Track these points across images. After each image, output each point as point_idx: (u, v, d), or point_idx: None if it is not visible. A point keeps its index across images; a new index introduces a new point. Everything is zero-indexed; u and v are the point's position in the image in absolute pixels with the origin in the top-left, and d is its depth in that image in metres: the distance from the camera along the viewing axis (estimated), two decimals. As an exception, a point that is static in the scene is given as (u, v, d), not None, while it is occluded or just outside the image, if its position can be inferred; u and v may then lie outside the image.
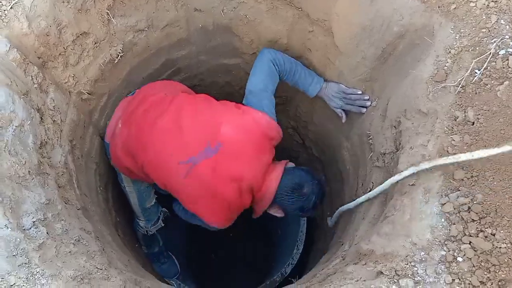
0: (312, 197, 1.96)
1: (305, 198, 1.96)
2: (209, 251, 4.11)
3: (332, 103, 2.23)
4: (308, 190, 1.96)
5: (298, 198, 1.96)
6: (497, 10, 1.56)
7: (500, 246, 1.26)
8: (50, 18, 1.65)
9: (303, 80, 2.21)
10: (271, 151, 2.04)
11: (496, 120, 1.41)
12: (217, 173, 1.88)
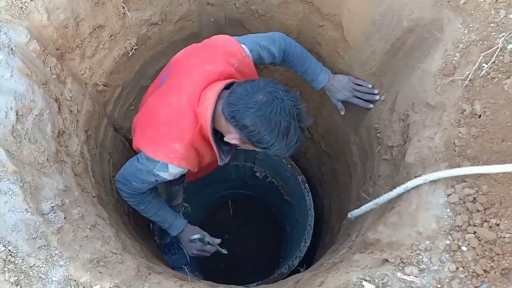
0: (271, 109, 1.44)
1: (259, 108, 1.45)
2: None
3: (338, 95, 2.14)
4: (263, 97, 1.46)
5: (248, 107, 1.46)
6: (506, 5, 1.58)
7: (504, 236, 1.29)
8: (68, 10, 1.71)
9: (313, 68, 2.06)
10: (224, 65, 1.68)
11: (502, 113, 1.43)
12: (160, 94, 1.75)
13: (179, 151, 1.63)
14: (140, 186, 1.84)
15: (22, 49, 1.54)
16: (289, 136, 1.50)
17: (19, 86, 1.49)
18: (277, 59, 1.92)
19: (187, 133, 1.62)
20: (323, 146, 3.10)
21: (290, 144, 1.53)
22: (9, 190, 1.32)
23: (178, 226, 2.18)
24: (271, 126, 1.46)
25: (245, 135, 1.53)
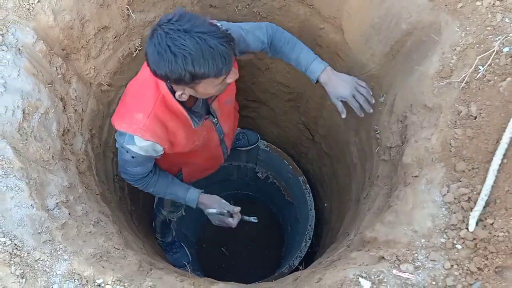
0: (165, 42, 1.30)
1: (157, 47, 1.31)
2: (219, 246, 4.20)
3: (337, 91, 1.90)
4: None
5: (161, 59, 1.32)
6: (503, 9, 1.61)
7: (498, 234, 1.32)
8: (74, 12, 1.75)
9: (305, 55, 1.90)
10: None
11: (497, 115, 1.46)
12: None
13: (141, 121, 1.58)
14: (134, 170, 1.80)
15: (29, 49, 1.58)
16: (203, 51, 1.31)
17: (26, 85, 1.53)
18: (265, 44, 1.87)
19: (150, 104, 1.58)
20: (324, 147, 3.13)
21: (210, 56, 1.32)
22: (16, 186, 1.36)
23: (192, 199, 2.02)
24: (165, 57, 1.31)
25: (173, 82, 1.43)
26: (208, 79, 1.39)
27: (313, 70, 1.90)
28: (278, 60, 2.67)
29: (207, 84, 1.43)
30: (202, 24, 1.32)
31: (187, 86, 1.44)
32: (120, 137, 1.66)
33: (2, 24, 1.53)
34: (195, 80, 1.38)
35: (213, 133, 1.93)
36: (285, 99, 3.04)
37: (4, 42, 1.52)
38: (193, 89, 1.45)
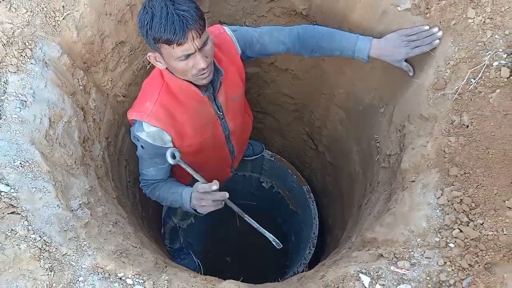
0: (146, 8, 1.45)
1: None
2: (224, 255, 4.28)
3: (396, 56, 1.84)
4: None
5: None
6: (492, 26, 1.73)
7: (488, 233, 1.42)
8: (95, 28, 1.89)
9: (346, 41, 1.86)
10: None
11: (487, 124, 1.57)
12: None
13: (149, 108, 1.70)
14: (148, 172, 1.90)
15: (54, 62, 1.72)
16: (162, 13, 1.41)
17: (52, 96, 1.66)
18: (287, 45, 1.89)
19: (155, 92, 1.71)
20: (327, 157, 3.25)
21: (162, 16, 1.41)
22: (44, 187, 1.49)
23: (186, 199, 1.88)
24: (145, 15, 1.45)
25: (149, 45, 1.54)
26: (165, 46, 1.47)
27: (361, 51, 1.86)
28: (284, 72, 2.82)
29: (167, 53, 1.51)
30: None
31: (155, 51, 1.55)
32: (133, 127, 1.79)
33: (31, 39, 1.67)
34: (156, 43, 1.48)
35: (219, 128, 1.96)
36: (290, 110, 3.17)
37: (33, 56, 1.65)
38: (160, 54, 1.54)
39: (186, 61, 1.52)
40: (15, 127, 1.53)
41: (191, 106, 1.76)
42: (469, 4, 1.76)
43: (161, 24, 1.41)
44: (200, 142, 1.92)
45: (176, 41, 1.43)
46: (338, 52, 1.90)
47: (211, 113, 1.87)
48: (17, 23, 1.67)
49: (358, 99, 2.45)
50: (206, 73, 1.59)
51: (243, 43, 1.85)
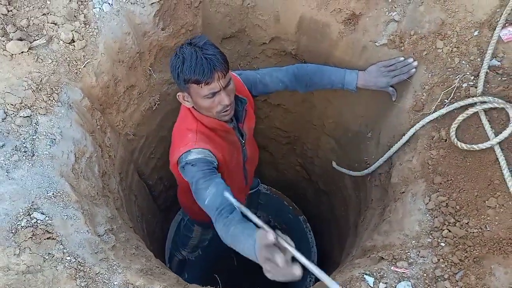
0: (181, 56, 1.67)
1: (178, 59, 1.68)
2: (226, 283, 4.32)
3: (379, 84, 2.10)
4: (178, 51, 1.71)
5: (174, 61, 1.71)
6: (459, 53, 2.01)
7: (473, 231, 1.62)
8: (110, 74, 2.11)
9: (336, 75, 2.13)
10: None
11: (463, 136, 1.80)
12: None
13: (193, 138, 1.83)
14: (207, 195, 1.72)
15: (77, 104, 1.92)
16: (192, 57, 1.62)
17: (76, 134, 1.85)
18: (286, 83, 2.11)
19: (193, 126, 1.86)
20: (321, 185, 3.44)
21: (195, 61, 1.62)
22: (74, 215, 1.64)
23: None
24: (177, 60, 1.69)
25: (179, 86, 1.75)
26: (193, 85, 1.67)
27: (349, 83, 2.11)
28: (276, 107, 3.07)
29: (196, 92, 1.70)
30: (206, 43, 1.67)
31: (185, 91, 1.75)
32: (180, 160, 1.82)
33: (56, 85, 1.87)
34: (186, 84, 1.69)
35: (240, 154, 2.14)
36: (283, 143, 3.39)
37: (59, 99, 1.85)
38: (189, 94, 1.75)
39: (212, 99, 1.71)
40: (46, 162, 1.70)
41: (223, 135, 1.96)
42: (437, 37, 2.05)
43: (191, 67, 1.62)
44: (227, 167, 2.07)
45: (204, 81, 1.64)
46: (329, 86, 2.16)
47: (235, 141, 2.08)
48: (44, 72, 1.88)
49: (346, 127, 2.69)
50: (229, 110, 1.79)
51: (248, 84, 2.06)
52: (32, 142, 1.73)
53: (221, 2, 2.45)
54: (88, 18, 2.06)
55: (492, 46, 1.94)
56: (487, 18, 2.00)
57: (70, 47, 1.97)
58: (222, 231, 1.62)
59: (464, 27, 2.03)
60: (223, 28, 2.58)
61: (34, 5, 2.01)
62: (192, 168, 1.77)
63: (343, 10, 2.27)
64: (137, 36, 2.23)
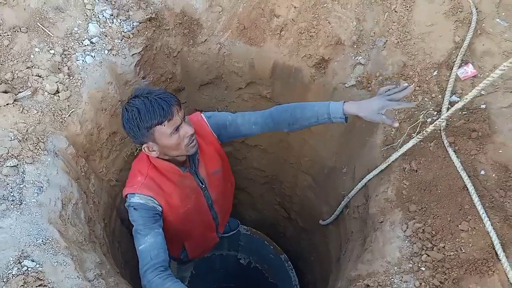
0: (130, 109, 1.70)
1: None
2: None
3: (374, 106, 1.78)
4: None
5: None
6: (422, 92, 2.20)
7: (450, 254, 1.72)
8: (94, 122, 2.17)
9: (319, 105, 1.90)
10: None
11: (432, 167, 1.95)
12: None
13: (140, 181, 1.88)
14: (145, 242, 1.81)
15: (63, 152, 1.96)
16: (146, 104, 1.66)
17: (63, 181, 1.88)
18: (261, 124, 2.00)
19: (144, 170, 1.90)
20: (300, 223, 3.51)
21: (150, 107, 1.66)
22: (64, 261, 1.64)
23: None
24: (131, 113, 1.70)
25: (139, 142, 1.79)
26: (157, 127, 1.69)
27: (335, 112, 1.84)
28: (253, 148, 3.17)
29: (160, 134, 1.71)
30: (149, 88, 1.74)
31: (148, 140, 1.74)
32: (127, 200, 1.88)
33: (42, 135, 1.92)
34: (148, 131, 1.70)
35: (202, 198, 2.15)
36: (261, 182, 3.48)
37: (46, 148, 1.89)
38: (155, 142, 1.75)
39: (177, 134, 1.74)
40: (34, 210, 1.72)
41: (175, 180, 1.98)
42: (401, 77, 2.24)
43: (149, 112, 1.66)
44: (185, 210, 2.11)
45: (167, 118, 1.68)
46: (314, 119, 1.90)
47: (194, 186, 2.09)
48: (29, 122, 1.93)
49: (322, 164, 2.81)
50: (195, 141, 1.83)
51: (216, 127, 2.04)
52: (20, 190, 1.75)
53: (198, 52, 2.60)
54: (72, 70, 2.14)
55: (451, 84, 2.15)
56: (444, 59, 2.23)
57: (55, 97, 2.04)
58: (154, 283, 1.70)
59: (424, 68, 2.24)
60: (201, 76, 2.72)
61: (18, 59, 2.09)
62: (134, 212, 1.84)
63: (313, 55, 2.45)
64: (119, 85, 2.32)
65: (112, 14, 2.37)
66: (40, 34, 2.16)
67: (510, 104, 2.02)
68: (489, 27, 2.25)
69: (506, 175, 1.84)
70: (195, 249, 2.53)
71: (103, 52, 2.25)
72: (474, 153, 1.92)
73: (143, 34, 2.39)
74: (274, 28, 2.52)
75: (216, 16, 2.55)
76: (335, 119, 1.86)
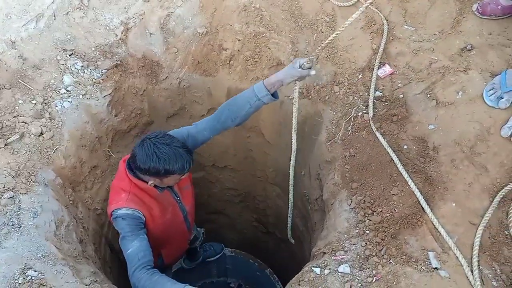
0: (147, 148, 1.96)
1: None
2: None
3: (295, 72, 2.02)
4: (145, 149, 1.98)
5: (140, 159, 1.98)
6: (352, 92, 2.61)
7: (386, 215, 2.07)
8: (76, 157, 2.49)
9: (246, 92, 2.11)
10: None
11: (365, 151, 2.33)
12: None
13: (125, 197, 2.10)
14: (133, 246, 2.01)
15: (51, 183, 2.26)
16: (170, 154, 1.95)
17: (54, 207, 2.17)
18: (210, 127, 2.22)
19: (127, 188, 2.13)
20: (278, 234, 3.80)
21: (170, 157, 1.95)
22: (62, 270, 1.92)
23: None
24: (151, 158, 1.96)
25: (150, 175, 2.03)
26: (174, 175, 2.03)
27: (259, 91, 2.04)
28: (223, 169, 3.51)
29: (172, 178, 2.06)
30: (176, 141, 2.03)
31: (158, 178, 2.04)
32: (114, 214, 2.08)
33: (32, 170, 2.22)
34: (167, 175, 2.02)
35: (178, 210, 2.41)
36: (236, 201, 3.79)
37: (37, 180, 2.19)
38: (161, 180, 2.06)
39: (179, 178, 2.11)
40: (32, 231, 2.00)
41: (154, 195, 2.25)
42: (333, 83, 2.65)
43: (177, 163, 1.97)
44: (164, 221, 2.38)
45: (186, 171, 2.05)
46: (247, 105, 2.09)
47: (170, 199, 2.38)
48: (20, 161, 2.24)
49: (284, 172, 3.15)
50: None
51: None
52: (18, 216, 2.04)
53: (161, 88, 2.98)
54: (52, 115, 2.48)
55: (373, 83, 2.57)
56: (366, 64, 2.67)
57: (40, 138, 2.37)
58: (142, 279, 1.93)
59: (351, 73, 2.67)
60: (167, 109, 3.09)
61: (4, 111, 2.42)
62: (122, 221, 2.07)
63: (260, 77, 2.87)
64: (95, 123, 2.66)
65: (83, 66, 2.76)
66: (22, 89, 2.51)
67: (421, 91, 2.45)
68: (399, 33, 2.72)
69: (424, 145, 2.23)
70: (171, 255, 2.76)
71: (78, 97, 2.60)
72: (396, 133, 2.31)
73: (111, 78, 2.77)
74: (224, 59, 2.95)
75: (173, 56, 2.96)
76: (263, 98, 2.05)
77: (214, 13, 2.92)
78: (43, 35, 2.74)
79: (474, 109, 2.26)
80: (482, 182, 2.06)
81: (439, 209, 2.03)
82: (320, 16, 2.85)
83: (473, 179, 2.08)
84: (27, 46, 2.67)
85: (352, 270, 1.93)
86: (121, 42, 2.86)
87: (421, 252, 1.93)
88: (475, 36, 2.56)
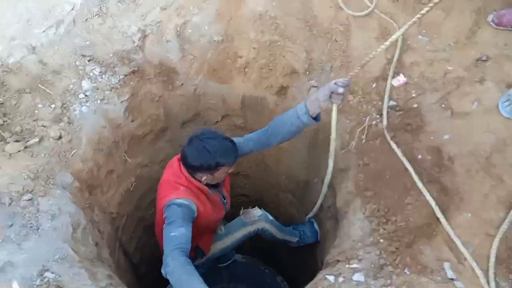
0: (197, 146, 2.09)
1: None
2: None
3: (321, 96, 2.03)
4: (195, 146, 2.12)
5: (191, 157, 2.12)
6: (365, 102, 2.62)
7: (401, 224, 2.07)
8: (93, 161, 2.53)
9: (290, 112, 2.16)
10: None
11: (379, 160, 2.34)
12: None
13: (184, 191, 2.21)
14: (178, 232, 1.99)
15: (69, 186, 2.30)
16: (220, 147, 2.11)
17: (71, 209, 2.21)
18: (253, 140, 2.30)
19: (184, 183, 2.24)
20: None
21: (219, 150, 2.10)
22: (79, 272, 1.95)
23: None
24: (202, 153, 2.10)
25: (202, 171, 2.17)
26: (225, 167, 2.16)
27: (301, 109, 2.08)
28: (236, 176, 3.53)
29: (222, 171, 2.18)
30: (220, 134, 2.19)
31: (209, 173, 2.17)
32: (169, 202, 2.13)
33: (51, 173, 2.27)
34: (217, 168, 2.14)
35: (222, 210, 2.56)
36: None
37: (55, 183, 2.23)
38: (213, 176, 2.19)
39: (227, 171, 2.23)
40: (50, 233, 2.04)
41: (207, 194, 2.34)
42: (347, 92, 2.66)
43: (228, 154, 2.13)
44: (207, 218, 2.40)
45: (235, 161, 2.20)
46: (289, 123, 2.14)
47: (218, 201, 2.50)
48: (39, 163, 2.28)
49: (297, 179, 3.17)
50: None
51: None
52: (36, 219, 2.07)
53: (177, 94, 3.02)
54: (71, 119, 2.53)
55: (388, 92, 2.58)
56: (380, 74, 2.68)
57: (59, 142, 2.41)
58: (177, 260, 1.86)
59: (365, 83, 2.68)
60: (182, 115, 3.12)
61: (24, 115, 2.48)
62: (177, 208, 2.09)
63: (274, 85, 2.90)
64: (112, 128, 2.70)
65: (101, 71, 2.80)
66: (42, 93, 2.57)
67: (436, 100, 2.45)
68: (414, 43, 2.73)
69: (439, 155, 2.23)
70: (208, 243, 2.82)
71: (96, 102, 2.65)
72: (411, 142, 2.32)
73: (128, 84, 2.81)
74: (239, 67, 2.98)
75: (189, 63, 2.99)
76: (302, 116, 2.08)
77: (230, 22, 2.96)
78: (62, 41, 2.79)
79: (490, 120, 2.26)
80: (498, 193, 2.06)
81: (454, 220, 2.03)
82: (334, 25, 2.87)
83: (489, 190, 2.08)
84: (47, 51, 2.72)
85: (367, 279, 1.93)
86: (139, 49, 2.90)
87: (436, 263, 1.93)
88: (490, 47, 2.55)
